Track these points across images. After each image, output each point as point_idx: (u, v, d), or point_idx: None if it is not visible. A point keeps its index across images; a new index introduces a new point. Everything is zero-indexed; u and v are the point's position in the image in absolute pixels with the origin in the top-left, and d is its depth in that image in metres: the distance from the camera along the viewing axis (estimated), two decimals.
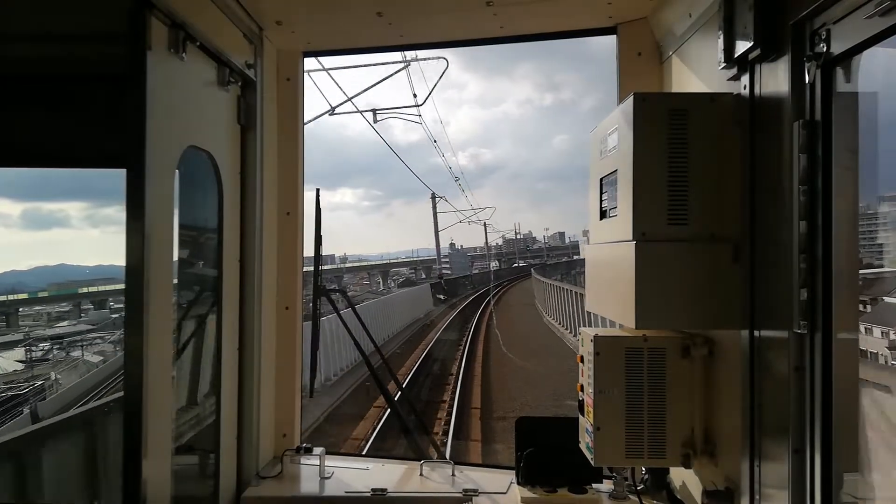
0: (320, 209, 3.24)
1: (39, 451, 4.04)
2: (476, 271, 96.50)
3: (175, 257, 2.19)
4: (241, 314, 2.81)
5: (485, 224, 73.93)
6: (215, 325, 2.66)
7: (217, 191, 2.64)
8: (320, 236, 3.24)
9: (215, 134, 2.61)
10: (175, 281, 2.21)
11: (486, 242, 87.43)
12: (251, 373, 2.85)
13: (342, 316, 3.70)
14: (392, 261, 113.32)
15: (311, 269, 3.33)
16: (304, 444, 3.16)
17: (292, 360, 3.17)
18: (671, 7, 2.48)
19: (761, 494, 1.83)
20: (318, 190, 3.34)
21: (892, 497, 1.66)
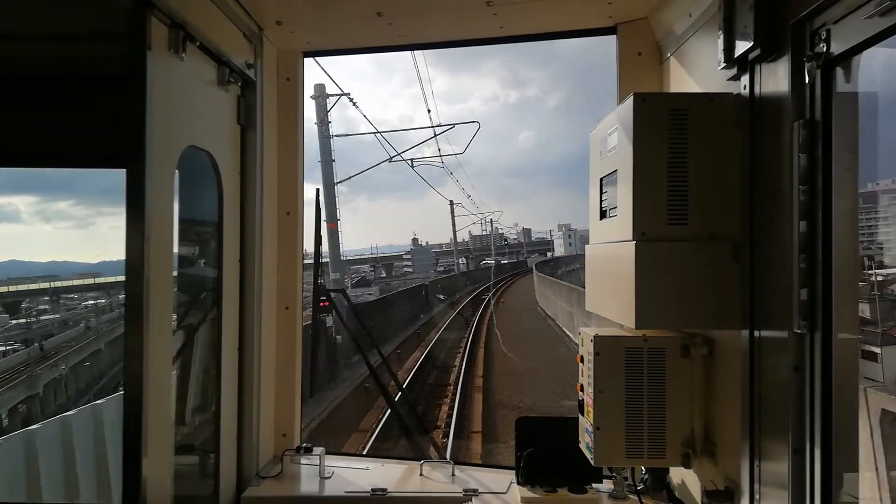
0: (320, 209, 3.25)
1: None
2: (441, 269, 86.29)
3: (175, 257, 2.19)
4: (241, 314, 2.81)
5: (451, 203, 54.96)
6: (215, 325, 2.67)
7: (217, 191, 2.64)
8: (320, 236, 3.26)
9: (215, 134, 2.61)
10: (175, 279, 2.21)
11: (455, 232, 61.50)
12: (251, 373, 2.85)
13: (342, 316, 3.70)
14: (352, 258, 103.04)
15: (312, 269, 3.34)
16: (303, 444, 3.16)
17: (292, 360, 3.17)
18: (671, 7, 2.48)
19: (761, 494, 1.83)
20: (318, 190, 3.37)
21: None
